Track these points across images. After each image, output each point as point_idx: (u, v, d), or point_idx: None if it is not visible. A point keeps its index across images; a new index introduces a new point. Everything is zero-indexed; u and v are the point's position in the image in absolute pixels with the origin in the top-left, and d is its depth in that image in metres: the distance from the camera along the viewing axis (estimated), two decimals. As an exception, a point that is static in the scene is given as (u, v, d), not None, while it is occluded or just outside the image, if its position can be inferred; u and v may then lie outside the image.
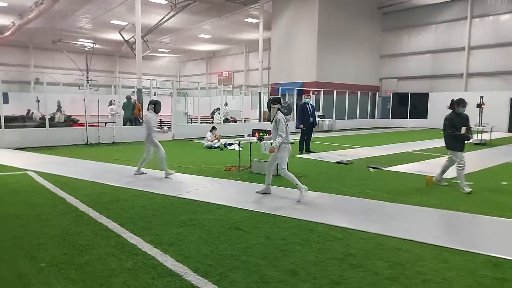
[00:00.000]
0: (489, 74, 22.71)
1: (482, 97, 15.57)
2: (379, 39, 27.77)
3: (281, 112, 6.25)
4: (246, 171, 8.46)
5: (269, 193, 6.38)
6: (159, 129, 8.18)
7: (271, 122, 6.27)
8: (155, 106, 7.90)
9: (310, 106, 11.90)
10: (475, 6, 23.10)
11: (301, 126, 11.81)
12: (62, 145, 12.84)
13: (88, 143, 13.35)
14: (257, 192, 6.44)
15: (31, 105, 19.52)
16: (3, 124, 11.89)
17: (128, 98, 15.82)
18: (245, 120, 20.65)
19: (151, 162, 9.66)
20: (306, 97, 12.24)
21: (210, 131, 13.25)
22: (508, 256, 3.83)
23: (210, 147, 12.71)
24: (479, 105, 15.38)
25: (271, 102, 6.33)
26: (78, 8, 23.00)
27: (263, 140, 7.09)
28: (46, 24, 26.57)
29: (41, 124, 13.55)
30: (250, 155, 8.68)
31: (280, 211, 5.37)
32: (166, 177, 7.70)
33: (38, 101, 19.41)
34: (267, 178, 6.42)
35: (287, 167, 6.14)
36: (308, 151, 11.82)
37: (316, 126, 12.96)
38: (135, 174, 7.93)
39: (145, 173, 8.01)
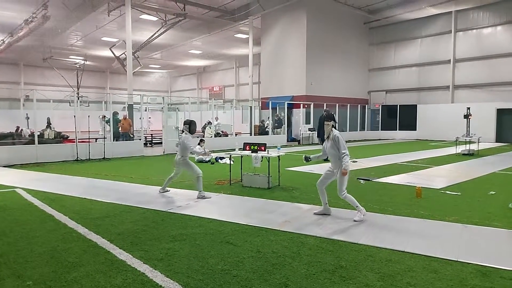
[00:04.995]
0: (475, 86, 23.21)
1: (469, 108, 15.86)
2: (367, 53, 28.30)
3: (335, 128, 5.71)
4: (237, 185, 8.46)
5: (329, 214, 5.84)
6: (199, 151, 7.49)
7: (325, 141, 5.70)
8: (190, 126, 7.36)
9: None
10: (459, 20, 23.74)
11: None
12: (52, 161, 12.73)
13: (78, 159, 13.25)
14: (315, 214, 5.91)
15: (20, 122, 19.38)
16: (-9, 141, 11.78)
17: (114, 113, 15.80)
18: (236, 134, 20.69)
19: (145, 177, 9.61)
20: (325, 112, 13.08)
21: (199, 144, 13.22)
22: (496, 265, 3.87)
23: (201, 161, 12.69)
24: (466, 116, 15.66)
25: (325, 119, 5.72)
26: (68, 26, 23.10)
27: (310, 159, 6.13)
28: (36, 41, 26.61)
29: (30, 141, 13.43)
30: (241, 168, 8.70)
31: (271, 224, 5.36)
32: (198, 197, 7.13)
33: (28, 118, 19.28)
34: (322, 198, 5.85)
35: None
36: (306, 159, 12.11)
37: None
38: (160, 193, 7.53)
39: (169, 191, 7.63)
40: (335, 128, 5.73)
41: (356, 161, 12.86)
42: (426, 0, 22.26)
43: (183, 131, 7.49)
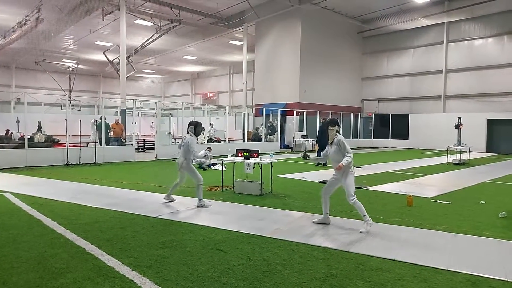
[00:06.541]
0: (466, 96, 23.52)
1: (460, 118, 16.04)
2: (360, 62, 28.57)
3: (339, 133, 5.68)
4: (229, 191, 8.43)
5: (328, 224, 5.72)
6: (201, 155, 7.18)
7: (328, 146, 5.67)
8: (196, 128, 7.00)
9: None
10: (451, 31, 24.11)
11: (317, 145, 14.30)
12: (42, 165, 12.58)
13: (69, 163, 13.11)
14: (314, 222, 5.77)
15: (10, 125, 19.13)
16: (-20, 144, 11.61)
17: (101, 118, 15.68)
18: (229, 140, 20.66)
19: (136, 183, 9.54)
20: (323, 120, 14.90)
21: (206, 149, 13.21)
22: (486, 275, 3.88)
23: (201, 166, 12.55)
24: (457, 126, 15.83)
25: (329, 124, 5.67)
26: (62, 29, 22.97)
27: (309, 158, 6.04)
28: (29, 44, 26.37)
29: (20, 145, 13.27)
30: (233, 175, 8.67)
31: (263, 231, 5.33)
32: (198, 206, 6.87)
33: (18, 121, 19.05)
34: (324, 207, 5.71)
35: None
36: (325, 165, 12.94)
37: None
38: (164, 200, 7.19)
39: (174, 200, 7.28)
40: (339, 133, 5.65)
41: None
42: (419, 11, 22.61)
43: (188, 133, 7.10)
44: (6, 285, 3.53)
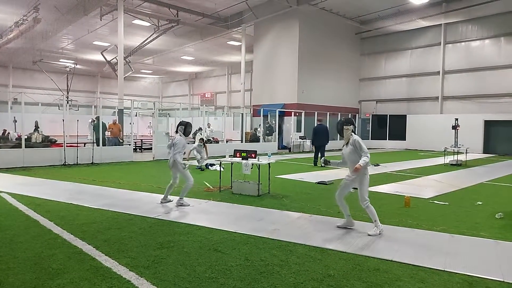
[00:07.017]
0: (463, 97, 23.59)
1: (457, 119, 16.09)
2: (358, 63, 28.62)
3: (355, 133, 5.51)
4: (227, 192, 8.42)
5: (352, 227, 5.59)
6: (184, 158, 7.22)
7: (344, 147, 5.54)
8: (185, 128, 7.03)
9: (323, 127, 14.69)
10: (448, 33, 24.19)
11: (313, 145, 14.75)
12: (39, 166, 12.53)
13: (66, 163, 13.07)
14: (338, 227, 5.65)
15: (7, 125, 19.06)
16: (-24, 144, 11.55)
17: (97, 118, 15.62)
18: (227, 141, 20.65)
19: (134, 183, 9.52)
20: (318, 121, 15.33)
21: (200, 142, 12.99)
22: (483, 275, 3.90)
23: (199, 168, 12.54)
24: (454, 127, 15.88)
25: (344, 123, 5.49)
26: (60, 29, 22.91)
27: (329, 164, 5.90)
28: (26, 44, 26.32)
29: (17, 145, 13.22)
30: (231, 175, 8.66)
31: (260, 232, 5.33)
32: (177, 205, 6.90)
33: (15, 121, 18.99)
34: (344, 210, 5.60)
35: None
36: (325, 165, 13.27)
37: (327, 143, 14.74)
38: (161, 203, 7.11)
39: (171, 201, 7.18)
40: (355, 133, 5.53)
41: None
42: (417, 13, 22.67)
43: (177, 132, 7.11)
44: (2, 285, 3.52)
